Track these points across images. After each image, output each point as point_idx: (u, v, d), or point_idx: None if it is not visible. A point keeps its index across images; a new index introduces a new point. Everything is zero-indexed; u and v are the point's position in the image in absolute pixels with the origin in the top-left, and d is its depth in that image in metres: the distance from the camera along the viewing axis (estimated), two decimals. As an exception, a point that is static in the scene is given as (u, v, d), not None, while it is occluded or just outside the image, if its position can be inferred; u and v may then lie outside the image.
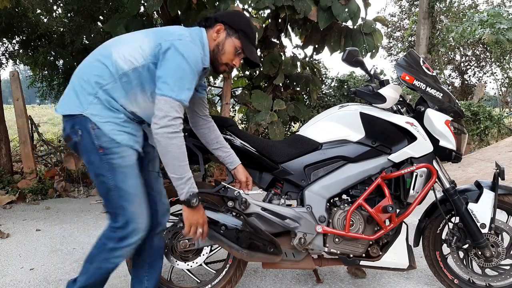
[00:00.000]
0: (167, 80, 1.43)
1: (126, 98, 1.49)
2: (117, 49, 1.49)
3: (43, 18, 5.61)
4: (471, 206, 1.90)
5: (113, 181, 1.48)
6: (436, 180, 1.86)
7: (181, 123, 1.46)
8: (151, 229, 1.67)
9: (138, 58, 1.47)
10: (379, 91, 1.87)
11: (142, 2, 4.11)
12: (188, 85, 1.46)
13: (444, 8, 11.24)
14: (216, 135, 1.83)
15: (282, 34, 4.89)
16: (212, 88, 6.31)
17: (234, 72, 5.73)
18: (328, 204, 1.90)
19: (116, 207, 1.52)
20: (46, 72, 6.25)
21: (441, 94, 1.88)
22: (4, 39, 5.54)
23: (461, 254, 2.01)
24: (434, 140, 1.86)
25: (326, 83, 6.81)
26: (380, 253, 1.90)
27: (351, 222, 1.86)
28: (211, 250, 1.99)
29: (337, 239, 1.88)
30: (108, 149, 1.45)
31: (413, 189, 1.83)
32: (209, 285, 1.99)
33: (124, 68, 1.47)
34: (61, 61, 6.17)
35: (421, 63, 1.91)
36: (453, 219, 1.98)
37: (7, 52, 5.75)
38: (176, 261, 1.94)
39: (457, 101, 1.96)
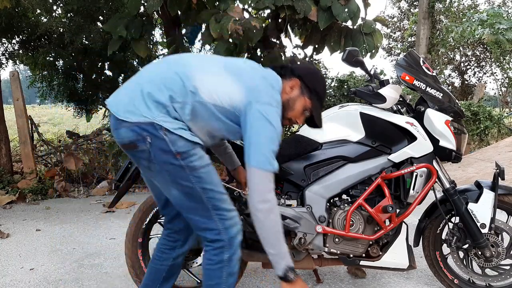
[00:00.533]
0: (262, 151, 1.39)
1: (191, 121, 1.42)
2: (202, 76, 1.42)
3: (43, 18, 5.61)
4: (471, 206, 1.90)
5: (199, 183, 1.41)
6: (436, 180, 1.86)
7: (274, 195, 1.43)
8: (182, 244, 1.66)
9: (222, 100, 1.42)
10: (379, 91, 1.87)
11: (142, 2, 4.10)
12: (276, 153, 1.44)
13: (444, 8, 11.24)
14: None
15: (282, 34, 4.89)
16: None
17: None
18: (328, 204, 1.90)
19: (210, 209, 1.44)
20: (46, 72, 6.25)
21: (441, 94, 1.88)
22: (4, 39, 5.54)
23: (461, 254, 2.01)
24: (434, 140, 1.86)
25: (326, 83, 6.82)
26: (380, 253, 1.90)
27: (351, 222, 1.86)
28: (211, 250, 1.99)
29: (337, 239, 1.88)
30: (185, 153, 1.38)
31: (413, 189, 1.83)
32: (209, 285, 1.99)
33: (203, 98, 1.40)
34: (61, 61, 6.18)
35: (421, 63, 1.91)
36: (453, 219, 1.98)
37: (7, 52, 5.75)
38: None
39: (457, 101, 1.96)
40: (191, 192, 1.41)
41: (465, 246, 1.95)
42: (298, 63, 1.64)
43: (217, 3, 3.83)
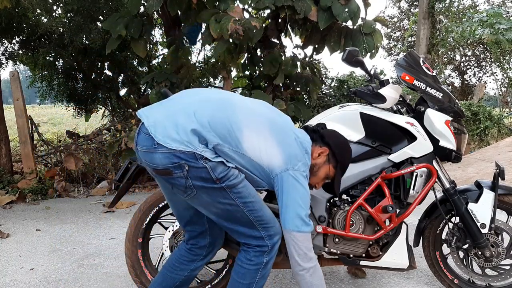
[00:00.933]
0: (298, 213, 1.44)
1: (225, 159, 1.45)
2: (248, 132, 1.44)
3: (43, 18, 5.60)
4: (471, 206, 1.90)
5: (239, 199, 1.46)
6: (436, 180, 1.86)
7: (313, 254, 1.49)
8: (202, 258, 1.70)
9: (262, 160, 1.46)
10: (379, 91, 1.87)
11: (142, 1, 4.11)
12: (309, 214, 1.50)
13: (444, 8, 11.24)
14: None
15: (282, 34, 4.89)
16: (212, 88, 6.31)
17: (234, 72, 5.73)
18: (328, 204, 1.90)
19: (252, 221, 1.50)
20: (46, 72, 6.25)
21: (441, 94, 1.88)
22: (4, 39, 5.54)
23: (461, 254, 2.01)
24: (434, 140, 1.86)
25: (326, 83, 6.81)
26: (380, 253, 1.90)
27: (351, 222, 1.86)
28: (211, 250, 1.99)
29: (337, 239, 1.88)
30: (224, 177, 1.42)
31: (413, 189, 1.83)
32: (209, 285, 1.99)
33: (246, 152, 1.44)
34: (61, 61, 6.18)
35: (421, 63, 1.91)
36: (453, 219, 1.98)
37: (7, 52, 5.75)
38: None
39: (457, 101, 1.96)
40: (233, 208, 1.47)
41: (465, 246, 1.95)
42: (327, 129, 1.69)
43: (217, 3, 3.84)
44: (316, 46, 4.85)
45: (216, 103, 1.48)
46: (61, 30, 5.42)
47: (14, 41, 5.70)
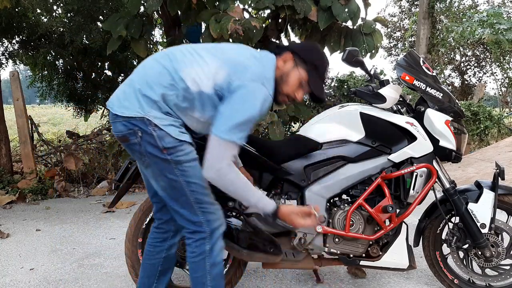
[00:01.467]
0: (227, 122, 1.40)
1: (183, 112, 1.48)
2: (187, 66, 1.45)
3: (43, 18, 5.61)
4: (471, 206, 1.90)
5: (183, 177, 1.46)
6: (436, 180, 1.86)
7: (231, 163, 1.44)
8: (173, 234, 1.69)
9: (207, 84, 1.44)
10: (379, 91, 1.87)
11: (142, 1, 4.10)
12: (246, 129, 1.44)
13: (444, 9, 11.24)
14: None
15: (282, 34, 4.89)
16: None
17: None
18: (328, 204, 1.90)
19: (192, 203, 1.49)
20: (46, 72, 6.25)
21: (441, 94, 1.88)
22: (4, 39, 5.54)
23: (461, 254, 2.01)
24: (434, 140, 1.86)
25: (326, 83, 6.81)
26: (380, 253, 1.90)
27: (351, 222, 1.86)
28: (211, 250, 1.99)
29: (337, 239, 1.88)
30: (172, 148, 1.44)
31: (413, 189, 1.83)
32: (209, 285, 1.99)
33: (189, 86, 1.43)
34: (61, 61, 6.18)
35: (421, 63, 1.91)
36: (453, 219, 1.98)
37: (7, 52, 5.75)
38: (176, 261, 1.94)
39: (457, 101, 1.96)
40: (176, 185, 1.48)
41: (465, 246, 1.95)
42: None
43: (217, 3, 3.83)
44: (316, 46, 4.84)
45: (157, 59, 1.52)
46: (61, 30, 5.43)
47: (14, 41, 5.70)
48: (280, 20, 4.64)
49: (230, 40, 3.74)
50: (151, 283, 1.72)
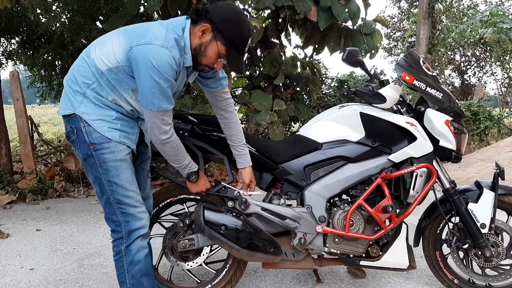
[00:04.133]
0: (145, 94, 1.44)
1: (113, 95, 1.53)
2: (96, 49, 1.51)
3: (43, 18, 5.60)
4: (471, 206, 1.90)
5: (105, 176, 1.52)
6: (436, 180, 1.86)
7: (170, 128, 1.53)
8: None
9: (111, 60, 1.47)
10: (379, 91, 1.87)
11: (142, 2, 4.10)
12: (166, 93, 1.46)
13: (444, 9, 11.24)
14: (235, 132, 1.81)
15: (282, 34, 4.89)
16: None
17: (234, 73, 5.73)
18: (328, 204, 1.90)
19: (112, 203, 1.55)
20: (46, 72, 6.25)
21: (441, 94, 1.88)
22: (3, 39, 5.54)
23: (461, 254, 2.01)
24: (434, 140, 1.86)
25: (326, 83, 6.81)
26: (380, 253, 1.90)
27: (351, 222, 1.86)
28: (211, 250, 1.99)
29: (337, 239, 1.88)
30: (98, 145, 1.50)
31: (413, 189, 1.83)
32: (209, 285, 1.99)
33: (100, 68, 1.49)
34: (59, 61, 6.18)
35: (421, 63, 1.91)
36: (453, 219, 1.98)
37: (7, 52, 5.75)
38: (176, 261, 1.94)
39: (457, 101, 1.96)
40: (99, 182, 1.54)
41: (465, 246, 1.96)
42: (217, 3, 1.55)
43: (217, 3, 3.83)
44: (316, 46, 4.85)
45: (81, 54, 1.58)
46: (61, 30, 5.42)
47: (14, 41, 5.70)
48: (280, 20, 4.64)
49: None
50: None
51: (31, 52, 5.81)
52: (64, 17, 5.53)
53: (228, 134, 1.82)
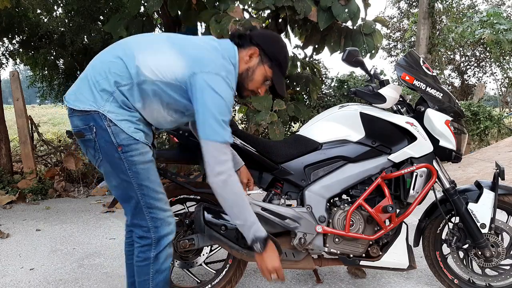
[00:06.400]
0: (210, 122, 1.37)
1: (141, 103, 1.43)
2: (142, 55, 1.41)
3: (43, 18, 5.61)
4: (471, 206, 1.90)
5: (136, 179, 1.42)
6: (436, 180, 1.86)
7: (231, 165, 1.43)
8: None
9: (165, 75, 1.40)
10: (379, 91, 1.87)
11: (142, 2, 4.10)
12: (228, 122, 1.42)
13: (444, 9, 11.24)
14: None
15: (282, 34, 4.89)
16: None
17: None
18: (328, 204, 1.90)
19: (142, 207, 1.45)
20: (46, 72, 6.26)
21: (441, 94, 1.88)
22: (4, 39, 5.54)
23: (461, 254, 2.01)
24: (434, 140, 1.86)
25: (326, 83, 6.81)
26: (380, 253, 1.90)
27: (351, 222, 1.86)
28: (211, 250, 2.00)
29: (337, 239, 1.88)
30: (127, 146, 1.39)
31: (413, 189, 1.83)
32: (209, 285, 1.99)
33: (147, 76, 1.39)
34: (61, 61, 6.19)
35: (421, 63, 1.91)
36: (453, 219, 1.98)
37: (8, 52, 5.75)
38: (176, 261, 1.94)
39: (457, 101, 1.96)
40: (128, 186, 1.44)
41: (465, 246, 1.96)
42: (258, 29, 1.59)
43: (217, 3, 3.83)
44: (316, 46, 4.85)
45: (110, 49, 1.48)
46: (61, 30, 5.43)
47: (14, 41, 5.71)
48: (280, 20, 4.64)
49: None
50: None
51: (31, 52, 5.81)
52: (64, 17, 5.54)
53: None
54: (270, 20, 4.79)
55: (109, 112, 1.38)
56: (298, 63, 5.03)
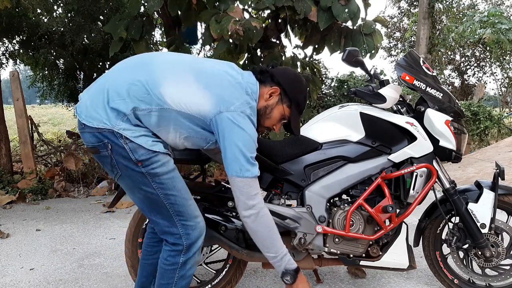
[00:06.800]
0: (239, 160, 1.39)
1: (156, 128, 1.41)
2: (168, 84, 1.38)
3: (43, 18, 5.61)
4: (471, 206, 1.90)
5: (161, 190, 1.41)
6: (436, 180, 1.86)
7: (261, 199, 1.46)
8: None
9: (190, 109, 1.39)
10: (379, 91, 1.87)
11: (142, 2, 4.10)
12: (254, 158, 1.43)
13: (444, 9, 11.25)
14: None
15: (282, 34, 4.89)
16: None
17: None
18: (328, 204, 1.90)
19: (172, 215, 1.45)
20: (47, 72, 6.26)
21: (441, 94, 1.88)
22: (4, 39, 5.54)
23: (461, 254, 2.01)
24: (434, 140, 1.86)
25: (326, 83, 6.82)
26: (380, 253, 1.90)
27: (351, 222, 1.86)
28: (211, 250, 2.00)
29: (337, 239, 1.88)
30: (147, 160, 1.37)
31: (413, 189, 1.83)
32: (209, 285, 1.99)
33: (170, 105, 1.37)
34: (61, 61, 6.19)
35: (421, 63, 1.91)
36: (453, 219, 1.98)
37: (8, 52, 5.75)
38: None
39: (457, 101, 1.96)
40: (153, 197, 1.43)
41: (465, 246, 1.96)
42: (278, 67, 1.60)
43: (217, 3, 3.84)
44: (316, 46, 4.84)
45: (132, 68, 1.43)
46: (61, 30, 5.43)
47: (14, 41, 5.71)
48: (280, 21, 4.64)
49: (231, 40, 3.74)
50: (149, 282, 1.72)
51: (31, 52, 5.82)
52: (64, 17, 5.54)
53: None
54: (270, 20, 4.79)
55: (124, 130, 1.35)
56: (298, 63, 5.03)
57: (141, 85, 1.37)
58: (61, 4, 5.41)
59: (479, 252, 1.91)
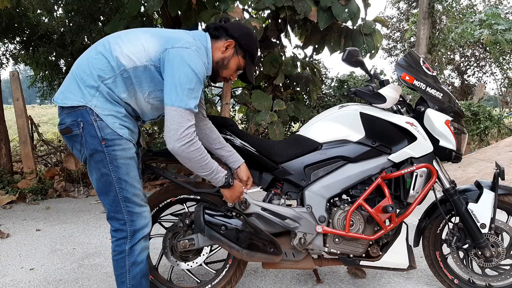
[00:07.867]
0: (176, 90, 1.45)
1: (126, 94, 1.52)
2: (119, 46, 1.51)
3: (43, 18, 5.61)
4: (471, 206, 1.90)
5: (115, 173, 1.50)
6: (436, 180, 1.86)
7: (194, 130, 1.50)
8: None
9: (140, 58, 1.49)
10: (379, 91, 1.87)
11: (142, 2, 4.11)
12: (196, 94, 1.50)
13: (444, 9, 11.24)
14: (217, 135, 1.84)
15: (282, 34, 4.89)
16: (212, 88, 6.31)
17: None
18: (328, 204, 1.90)
19: (119, 201, 1.53)
20: (47, 72, 6.26)
21: (441, 94, 1.88)
22: (4, 39, 5.54)
23: (461, 254, 2.01)
24: (434, 140, 1.86)
25: (326, 83, 6.81)
26: (380, 253, 1.90)
27: (351, 222, 1.86)
28: (211, 250, 1.99)
29: (337, 239, 1.88)
30: (110, 141, 1.47)
31: (413, 189, 1.83)
32: (209, 285, 1.99)
33: (125, 65, 1.48)
34: (61, 61, 6.19)
35: (421, 63, 1.91)
36: (453, 219, 1.98)
37: (8, 52, 5.75)
38: (176, 261, 1.94)
39: (457, 101, 1.96)
40: (107, 179, 1.51)
41: (465, 246, 1.95)
42: (231, 21, 1.71)
43: (217, 3, 3.84)
44: (316, 46, 4.85)
45: (90, 49, 1.57)
46: (61, 30, 5.43)
47: (14, 41, 5.71)
48: (280, 20, 4.64)
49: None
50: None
51: (32, 52, 5.82)
52: (64, 17, 5.54)
53: (213, 139, 1.82)
54: (270, 20, 4.80)
55: (96, 106, 1.46)
56: (298, 63, 5.04)
57: (100, 56, 1.50)
58: (61, 4, 5.41)
59: (479, 252, 1.91)
